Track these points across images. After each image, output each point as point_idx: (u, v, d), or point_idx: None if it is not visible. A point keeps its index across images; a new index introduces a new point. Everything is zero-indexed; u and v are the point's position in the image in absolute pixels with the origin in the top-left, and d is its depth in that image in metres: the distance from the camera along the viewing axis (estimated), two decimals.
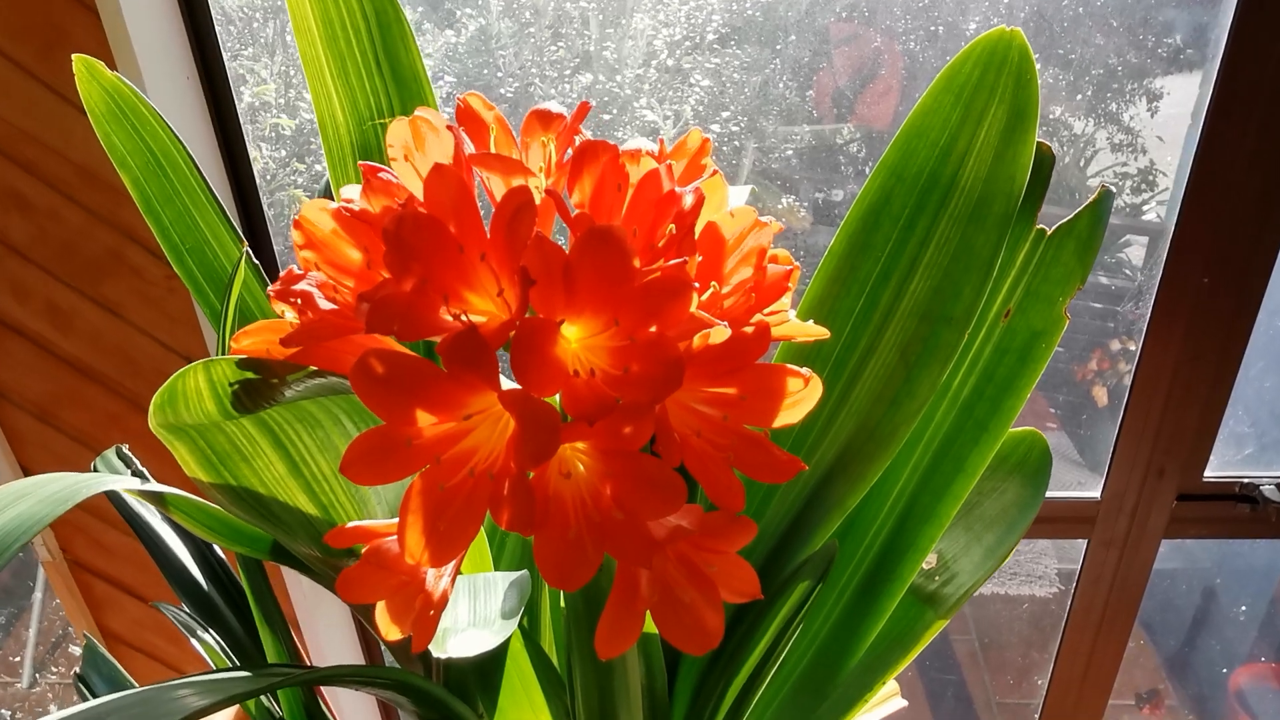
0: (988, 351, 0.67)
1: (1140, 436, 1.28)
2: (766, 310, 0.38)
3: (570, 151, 0.39)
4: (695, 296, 0.34)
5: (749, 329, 0.35)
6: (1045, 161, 0.63)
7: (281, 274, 0.39)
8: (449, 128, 0.38)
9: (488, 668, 0.62)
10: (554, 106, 0.41)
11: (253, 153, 1.23)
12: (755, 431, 0.37)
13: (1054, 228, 0.65)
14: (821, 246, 1.61)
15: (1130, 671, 2.10)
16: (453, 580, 0.37)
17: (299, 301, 0.36)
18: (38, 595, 2.33)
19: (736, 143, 1.54)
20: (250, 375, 0.36)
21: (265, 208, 1.25)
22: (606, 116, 1.56)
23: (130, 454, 0.83)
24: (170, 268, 1.12)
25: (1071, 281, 0.65)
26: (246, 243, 0.73)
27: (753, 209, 0.39)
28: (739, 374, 0.36)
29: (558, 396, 0.36)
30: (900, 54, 1.41)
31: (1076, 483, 1.87)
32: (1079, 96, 1.41)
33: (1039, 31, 1.29)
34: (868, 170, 1.58)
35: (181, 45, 1.07)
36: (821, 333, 0.41)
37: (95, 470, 0.80)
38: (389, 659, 1.55)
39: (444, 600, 0.37)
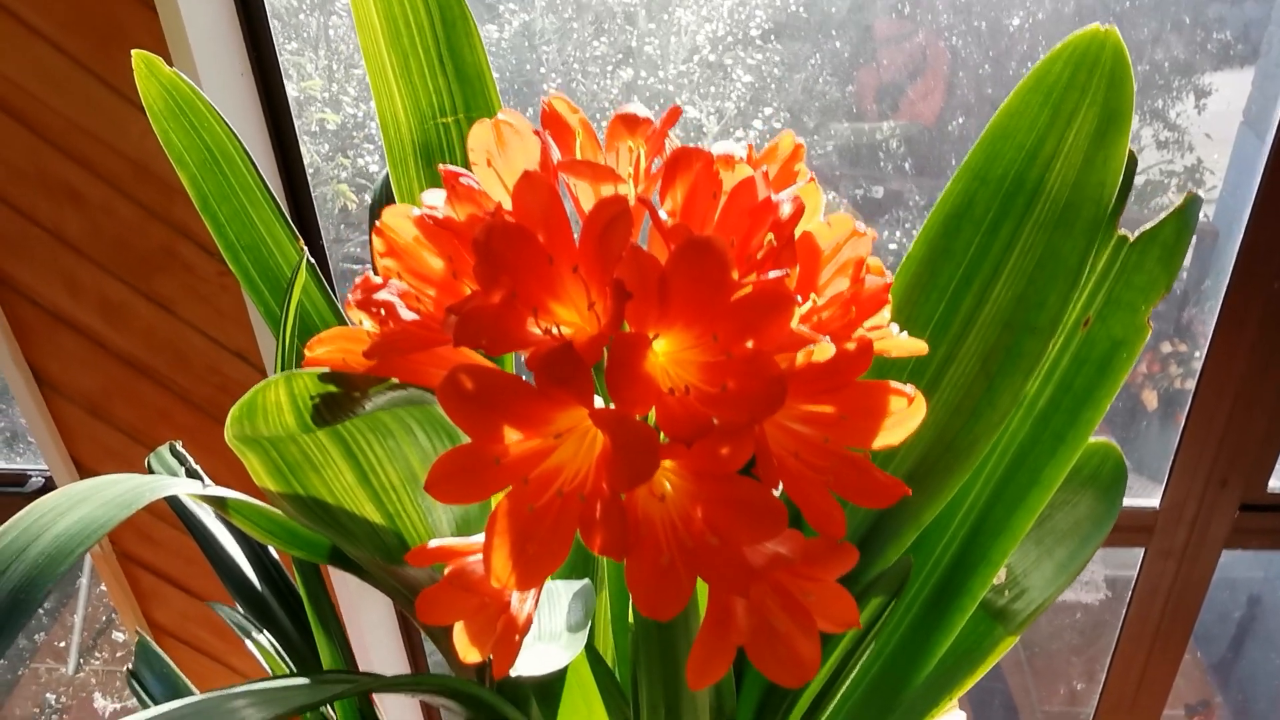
0: (1065, 361, 0.64)
1: (1202, 445, 1.24)
2: (866, 324, 0.36)
3: (659, 159, 0.37)
4: (796, 310, 0.32)
5: (851, 345, 0.34)
6: (1129, 165, 0.60)
7: (358, 280, 0.38)
8: (535, 132, 0.37)
9: (547, 676, 0.61)
10: (640, 110, 0.39)
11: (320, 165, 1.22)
12: (855, 453, 0.35)
13: (1137, 233, 0.62)
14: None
15: (1177, 681, 2.06)
16: (536, 602, 0.36)
17: (381, 311, 0.35)
18: (83, 582, 2.36)
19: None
20: (332, 388, 0.34)
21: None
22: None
23: (184, 451, 0.82)
24: (222, 264, 1.12)
25: (1155, 289, 0.63)
26: (304, 245, 0.72)
27: (850, 217, 0.37)
28: (838, 392, 0.34)
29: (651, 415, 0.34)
30: (943, 50, 1.38)
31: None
32: None
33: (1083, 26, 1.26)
34: (908, 167, 1.56)
35: (236, 40, 1.07)
36: (920, 347, 0.39)
37: (150, 468, 0.80)
38: (432, 659, 1.55)
39: (528, 624, 0.36)
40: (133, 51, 0.63)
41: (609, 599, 0.67)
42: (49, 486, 1.42)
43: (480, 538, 0.33)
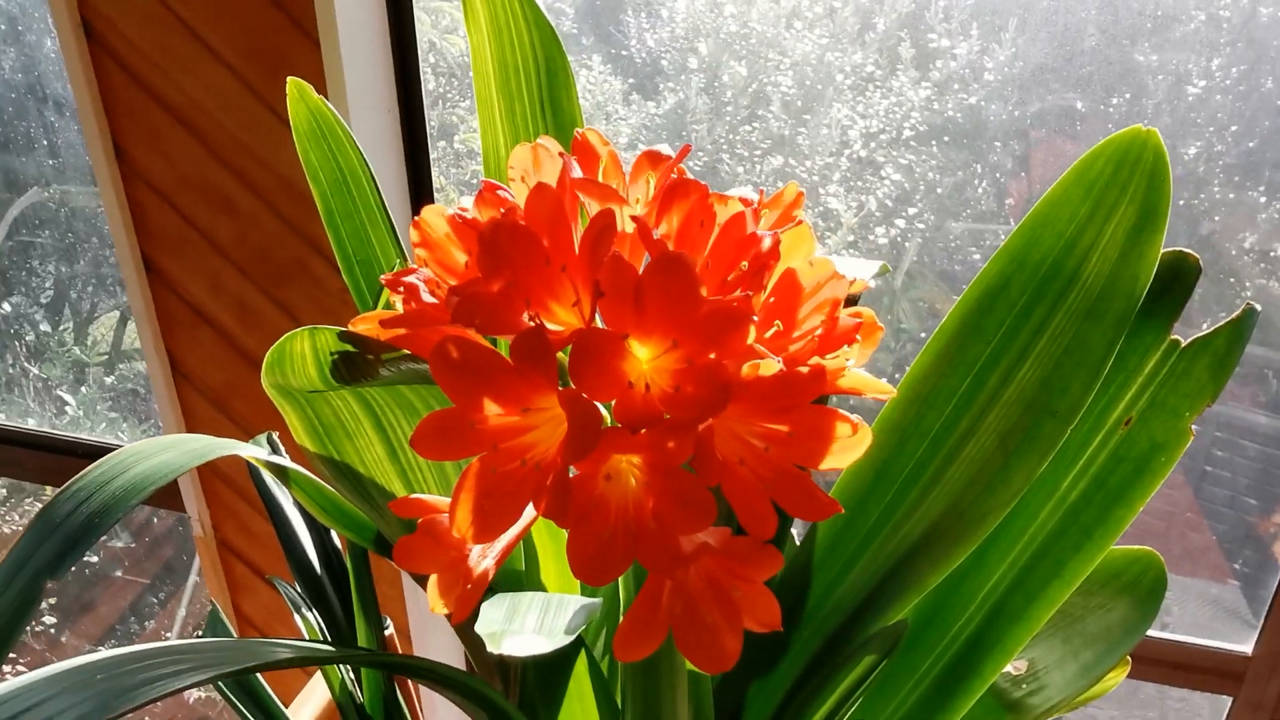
0: (1102, 458, 0.64)
1: None
2: (827, 356, 0.39)
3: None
4: (753, 329, 0.36)
5: (804, 369, 0.37)
6: (1189, 271, 0.61)
7: (396, 269, 0.44)
8: (560, 154, 0.42)
9: (553, 683, 0.64)
10: (664, 149, 0.44)
11: (453, 196, 1.30)
12: (799, 470, 0.38)
13: (1189, 341, 0.63)
14: None
15: None
16: (496, 565, 0.40)
17: (404, 291, 0.40)
18: (193, 579, 2.51)
19: (920, 239, 1.53)
20: (348, 348, 0.40)
21: None
22: None
23: (278, 441, 0.90)
24: (344, 280, 1.22)
25: (1202, 397, 0.63)
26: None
27: (830, 261, 0.41)
28: (792, 412, 0.37)
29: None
30: None
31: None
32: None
33: (1265, 164, 1.22)
34: None
35: (388, 82, 1.17)
36: (888, 390, 0.42)
37: None
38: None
39: (484, 580, 0.40)
40: (288, 79, 0.72)
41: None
42: None
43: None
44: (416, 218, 0.41)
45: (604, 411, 0.39)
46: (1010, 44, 1.36)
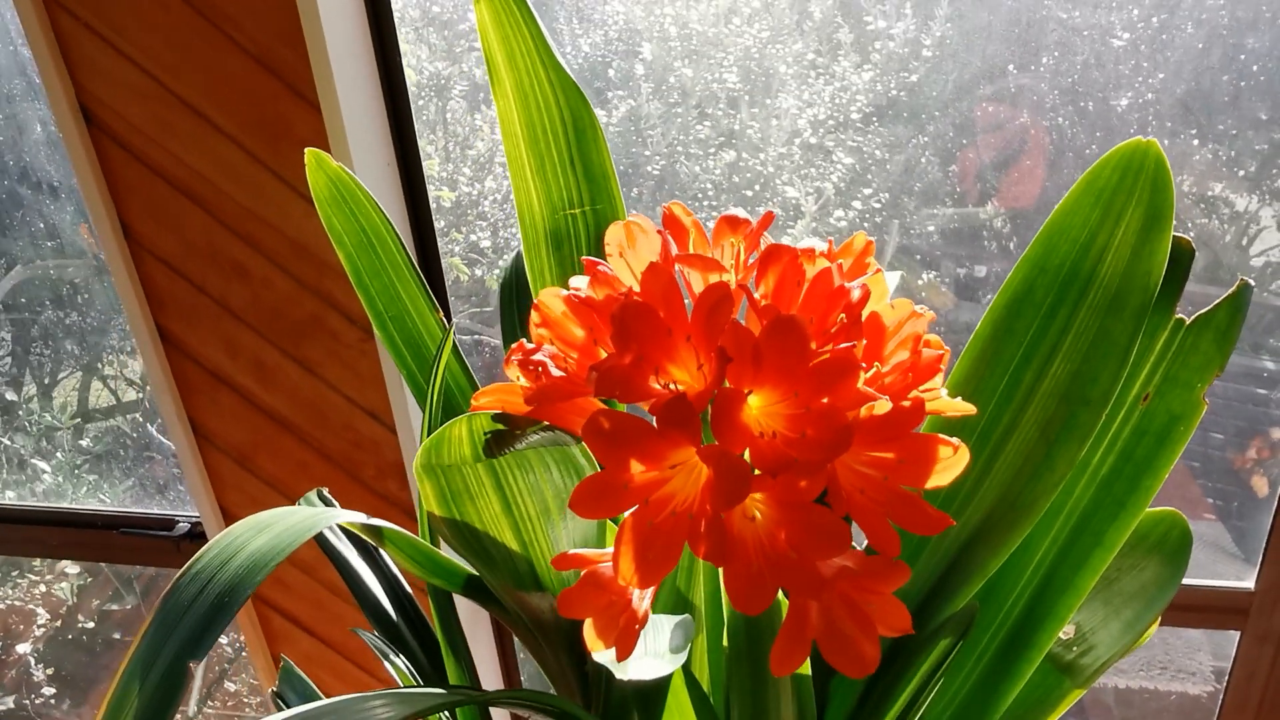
0: (1126, 432, 0.70)
1: None
2: (921, 388, 0.44)
3: (757, 253, 0.47)
4: (861, 375, 0.41)
5: (906, 403, 0.42)
6: (1184, 254, 0.67)
7: (514, 345, 0.48)
8: (659, 231, 0.47)
9: (651, 700, 0.69)
10: (740, 213, 0.49)
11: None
12: (910, 491, 0.43)
13: (1193, 317, 0.69)
14: (964, 323, 1.64)
15: None
16: (651, 602, 0.45)
17: (538, 370, 0.45)
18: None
19: (878, 219, 1.58)
20: (499, 427, 0.44)
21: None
22: (749, 193, 1.63)
23: (330, 497, 0.94)
24: (363, 332, 1.26)
25: (1210, 369, 0.69)
26: (442, 314, 0.83)
27: (910, 301, 0.46)
28: (897, 441, 0.43)
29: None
30: (1047, 130, 1.42)
31: (1235, 575, 1.80)
32: (1240, 173, 1.39)
33: (1195, 109, 1.27)
34: (1012, 247, 1.59)
35: (385, 137, 1.21)
36: (968, 409, 0.47)
37: None
38: (523, 673, 1.64)
39: (645, 618, 0.44)
40: (306, 150, 0.75)
41: (706, 634, 0.75)
42: (195, 531, 1.57)
43: (608, 550, 0.42)
44: (537, 300, 0.46)
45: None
46: (944, 20, 1.40)
